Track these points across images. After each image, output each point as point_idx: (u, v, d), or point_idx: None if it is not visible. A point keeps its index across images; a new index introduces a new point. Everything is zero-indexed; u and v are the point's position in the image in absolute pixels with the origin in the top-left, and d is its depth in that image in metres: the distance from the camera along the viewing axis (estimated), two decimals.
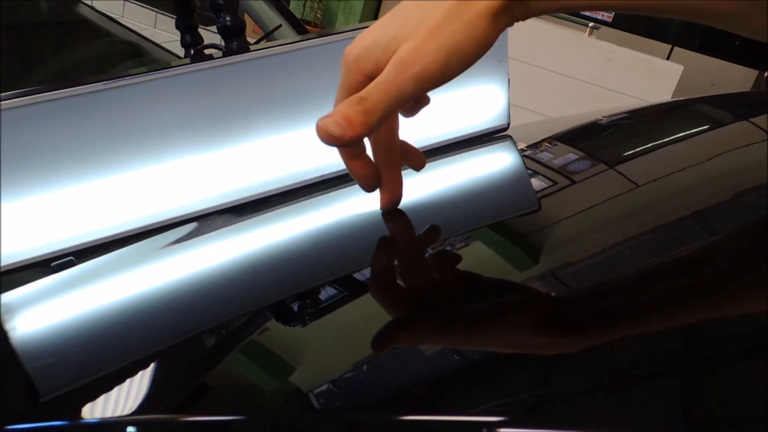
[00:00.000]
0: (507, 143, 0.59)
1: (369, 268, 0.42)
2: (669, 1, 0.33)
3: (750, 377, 0.31)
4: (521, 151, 0.58)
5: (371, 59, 0.34)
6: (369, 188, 0.41)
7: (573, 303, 0.37)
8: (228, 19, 0.49)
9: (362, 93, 0.34)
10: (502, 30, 0.34)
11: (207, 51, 0.50)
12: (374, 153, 0.41)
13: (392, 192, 0.42)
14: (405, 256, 0.43)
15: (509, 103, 0.60)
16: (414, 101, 0.39)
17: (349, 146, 0.37)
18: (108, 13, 1.43)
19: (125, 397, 0.32)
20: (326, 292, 0.40)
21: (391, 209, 0.43)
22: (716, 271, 0.40)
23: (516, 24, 0.35)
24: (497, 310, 0.36)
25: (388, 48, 0.34)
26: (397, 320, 0.36)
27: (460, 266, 0.41)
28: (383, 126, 0.38)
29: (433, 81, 0.34)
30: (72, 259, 0.44)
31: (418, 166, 0.44)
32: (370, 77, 0.35)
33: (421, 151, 0.45)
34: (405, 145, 0.43)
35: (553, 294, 0.39)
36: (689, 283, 0.39)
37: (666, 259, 0.43)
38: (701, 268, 0.41)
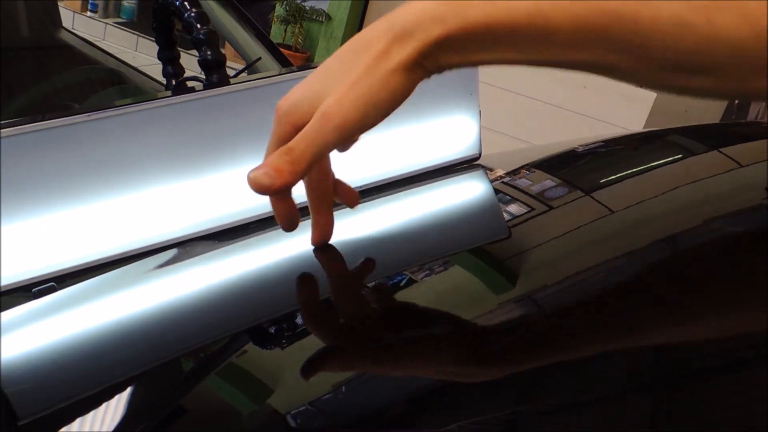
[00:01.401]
0: (478, 173, 0.61)
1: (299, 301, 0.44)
2: (567, 57, 0.35)
3: (714, 397, 0.33)
4: (492, 180, 0.60)
5: (299, 112, 0.38)
6: (289, 228, 0.43)
7: (502, 333, 0.40)
8: (209, 53, 0.51)
9: (290, 144, 0.37)
10: (418, 81, 0.37)
11: (189, 83, 0.52)
12: (308, 196, 0.44)
13: (322, 232, 0.45)
14: (339, 288, 0.46)
15: (480, 134, 0.63)
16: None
17: (279, 194, 0.39)
18: (89, 38, 1.44)
19: (102, 420, 0.33)
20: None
21: (321, 247, 0.45)
22: (680, 294, 0.42)
23: None
24: (425, 339, 0.39)
25: (314, 101, 0.37)
26: (328, 348, 0.38)
27: (401, 297, 0.43)
28: (315, 171, 0.41)
29: (353, 130, 0.37)
30: (53, 285, 0.45)
31: (351, 203, 0.47)
32: (299, 128, 0.38)
33: (355, 189, 0.47)
34: (338, 183, 0.46)
35: (483, 325, 0.41)
36: (662, 300, 0.41)
37: (628, 282, 0.45)
38: (673, 287, 0.43)
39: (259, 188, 0.37)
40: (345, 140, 0.37)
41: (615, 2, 0.33)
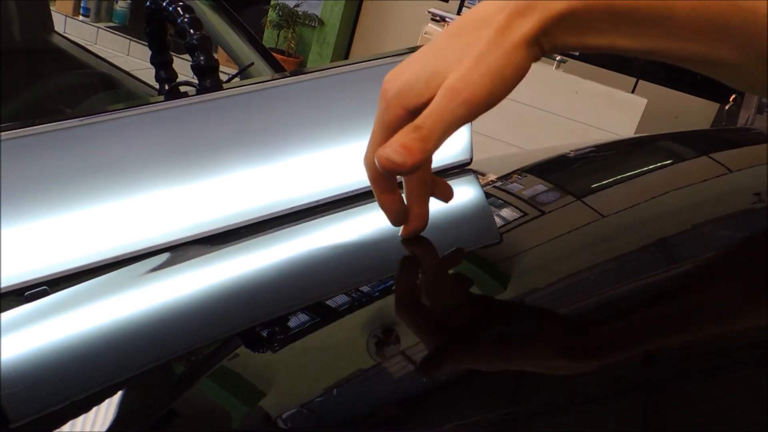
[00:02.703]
0: (469, 177, 0.62)
1: (395, 290, 0.44)
2: (683, 46, 0.35)
3: (716, 397, 0.33)
4: (484, 185, 0.61)
5: (414, 93, 0.37)
6: (398, 222, 0.43)
7: (585, 327, 0.40)
8: (202, 58, 0.51)
9: (417, 122, 0.36)
10: (535, 59, 0.37)
11: (181, 88, 0.52)
12: (407, 186, 0.43)
13: (418, 224, 0.44)
14: (425, 279, 0.45)
15: (471, 139, 0.63)
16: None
17: (409, 173, 0.38)
18: (81, 42, 1.44)
19: (93, 423, 0.33)
20: (296, 319, 0.41)
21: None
22: (678, 297, 0.43)
23: None
24: (524, 334, 0.39)
25: (431, 81, 0.36)
26: (448, 345, 0.38)
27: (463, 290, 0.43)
28: None
29: (482, 105, 0.36)
30: (46, 289, 0.45)
31: (446, 198, 0.46)
32: (412, 111, 0.37)
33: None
34: (439, 181, 0.45)
35: (568, 319, 0.41)
36: (652, 304, 0.41)
37: (631, 286, 0.45)
38: (664, 295, 0.43)
39: (391, 166, 0.36)
40: (473, 117, 0.36)
41: None
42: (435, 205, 0.49)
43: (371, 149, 0.40)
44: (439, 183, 0.45)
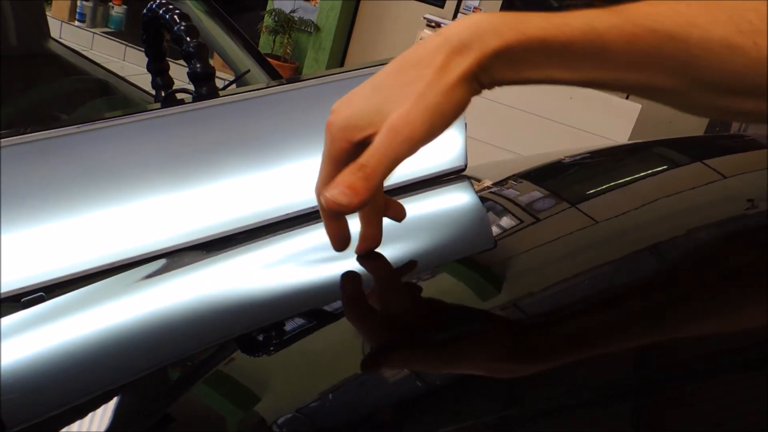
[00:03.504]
0: (464, 184, 0.62)
1: (342, 297, 0.45)
2: (618, 76, 0.37)
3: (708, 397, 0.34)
4: (479, 191, 0.61)
5: (358, 128, 0.38)
6: (339, 249, 0.44)
7: (535, 330, 0.40)
8: (198, 66, 0.52)
9: (361, 160, 0.38)
10: (473, 95, 0.39)
11: (178, 95, 0.52)
12: (360, 210, 0.44)
13: (369, 244, 0.46)
14: (377, 286, 0.46)
15: (466, 145, 0.64)
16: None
17: (356, 211, 0.40)
18: (77, 48, 1.45)
19: (89, 429, 0.33)
20: (291, 325, 0.42)
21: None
22: (671, 298, 0.43)
23: None
24: (469, 337, 0.39)
25: (374, 118, 0.38)
26: (386, 345, 0.39)
27: (426, 296, 0.44)
28: None
29: (422, 141, 0.38)
30: (42, 295, 0.45)
31: (398, 218, 0.47)
32: (355, 144, 0.38)
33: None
34: (392, 202, 0.47)
35: (517, 321, 0.42)
36: (646, 307, 0.42)
37: (622, 288, 0.46)
38: (657, 295, 0.44)
39: (339, 208, 0.38)
40: (414, 151, 0.38)
41: (667, 23, 0.35)
42: (430, 211, 0.50)
43: (320, 181, 0.41)
44: (392, 203, 0.47)
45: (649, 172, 0.74)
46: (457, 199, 0.61)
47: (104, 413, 0.34)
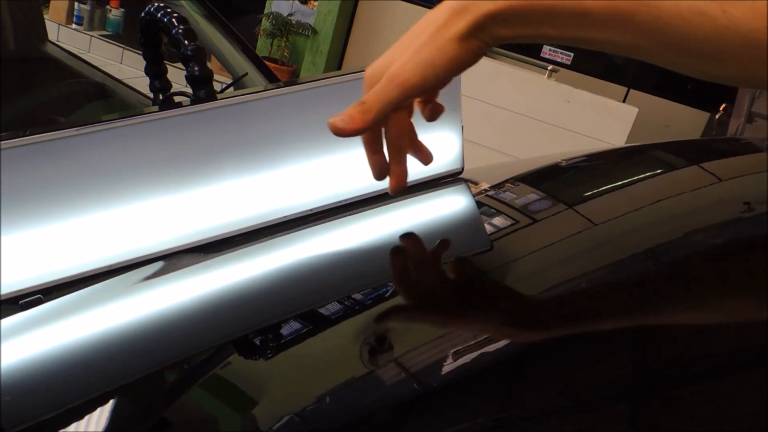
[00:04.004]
0: (461, 186, 0.62)
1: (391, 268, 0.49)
2: (598, 35, 0.41)
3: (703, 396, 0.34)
4: (476, 193, 0.61)
5: (377, 75, 0.45)
6: (378, 177, 0.49)
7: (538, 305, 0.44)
8: (196, 69, 0.52)
9: (363, 98, 0.45)
10: (475, 51, 0.44)
11: (176, 98, 0.52)
12: (387, 148, 0.49)
13: (398, 179, 0.50)
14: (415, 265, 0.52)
15: (463, 149, 0.64)
16: (430, 110, 0.50)
17: (351, 136, 0.45)
18: (74, 51, 1.44)
19: (86, 430, 0.33)
20: (288, 327, 0.42)
21: (397, 194, 0.51)
22: (667, 299, 0.44)
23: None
24: (475, 303, 0.45)
25: (387, 67, 0.45)
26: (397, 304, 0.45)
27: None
28: (393, 127, 0.47)
29: (414, 89, 0.44)
30: (40, 297, 0.45)
31: (426, 161, 0.52)
32: None
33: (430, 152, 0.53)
34: (420, 145, 0.52)
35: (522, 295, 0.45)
36: (643, 307, 0.43)
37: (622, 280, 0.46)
38: (653, 296, 0.44)
39: (335, 130, 0.44)
40: (407, 97, 0.44)
41: None
42: (428, 214, 0.50)
43: None
44: (422, 148, 0.52)
45: (646, 175, 0.75)
46: (454, 201, 0.61)
47: (101, 415, 0.34)
